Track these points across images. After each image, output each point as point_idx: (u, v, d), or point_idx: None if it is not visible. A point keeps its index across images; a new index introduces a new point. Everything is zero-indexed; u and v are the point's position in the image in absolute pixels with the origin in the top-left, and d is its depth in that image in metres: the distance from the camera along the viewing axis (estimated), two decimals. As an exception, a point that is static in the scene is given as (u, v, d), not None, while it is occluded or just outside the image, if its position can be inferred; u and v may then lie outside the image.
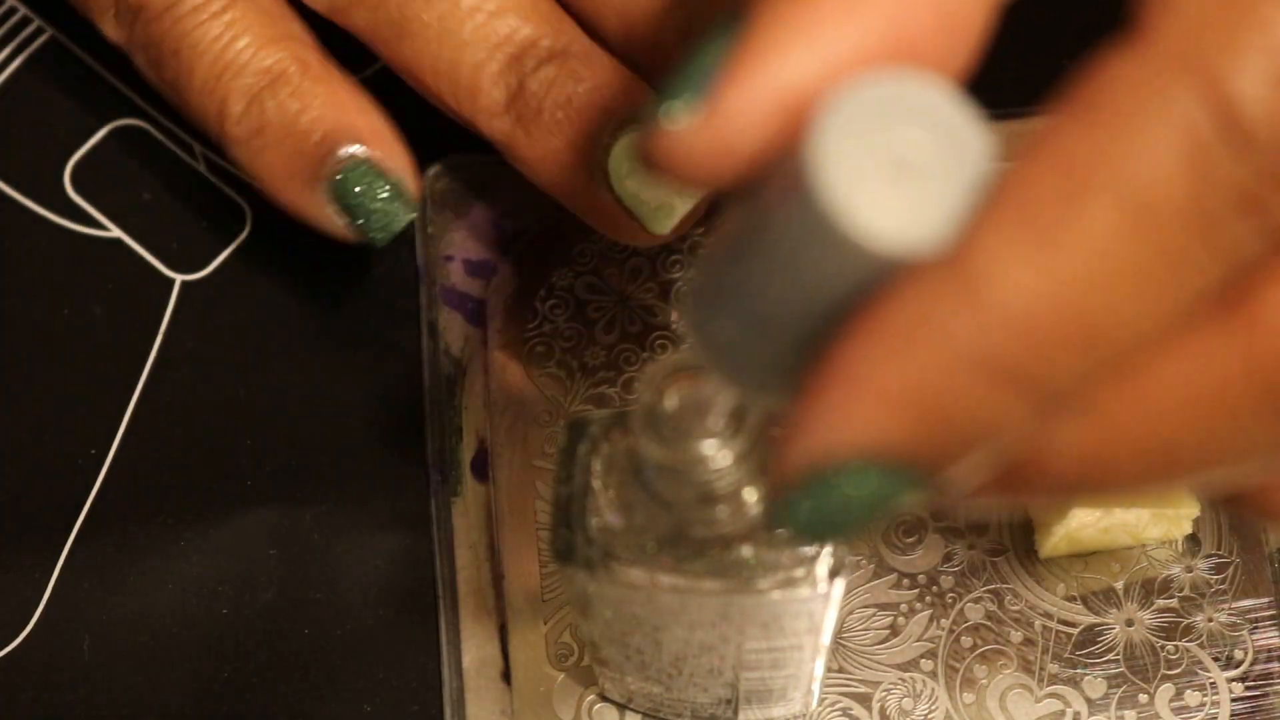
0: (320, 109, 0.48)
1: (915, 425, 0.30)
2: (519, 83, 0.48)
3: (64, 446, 0.51)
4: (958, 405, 0.30)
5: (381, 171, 0.48)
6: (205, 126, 0.49)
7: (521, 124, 0.48)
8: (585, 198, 0.48)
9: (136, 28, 0.49)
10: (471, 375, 0.51)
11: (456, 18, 0.48)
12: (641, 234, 0.48)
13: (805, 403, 0.31)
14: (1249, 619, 0.49)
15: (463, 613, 0.49)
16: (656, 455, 0.36)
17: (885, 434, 0.30)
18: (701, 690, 0.45)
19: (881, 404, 0.30)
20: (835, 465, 0.31)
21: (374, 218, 0.48)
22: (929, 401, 0.30)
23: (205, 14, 0.48)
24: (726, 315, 0.32)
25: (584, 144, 0.47)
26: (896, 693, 0.48)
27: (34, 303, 0.53)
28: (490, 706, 0.48)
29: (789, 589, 0.39)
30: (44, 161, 0.53)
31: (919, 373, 0.30)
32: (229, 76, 0.48)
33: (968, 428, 0.30)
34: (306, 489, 0.51)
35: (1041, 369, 0.30)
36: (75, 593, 0.50)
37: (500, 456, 0.51)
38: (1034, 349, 0.29)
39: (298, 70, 0.48)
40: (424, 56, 0.48)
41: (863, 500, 0.31)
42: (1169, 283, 0.29)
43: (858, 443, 0.30)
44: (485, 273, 0.52)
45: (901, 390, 0.30)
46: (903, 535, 0.50)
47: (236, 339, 0.52)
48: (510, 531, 0.50)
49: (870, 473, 0.31)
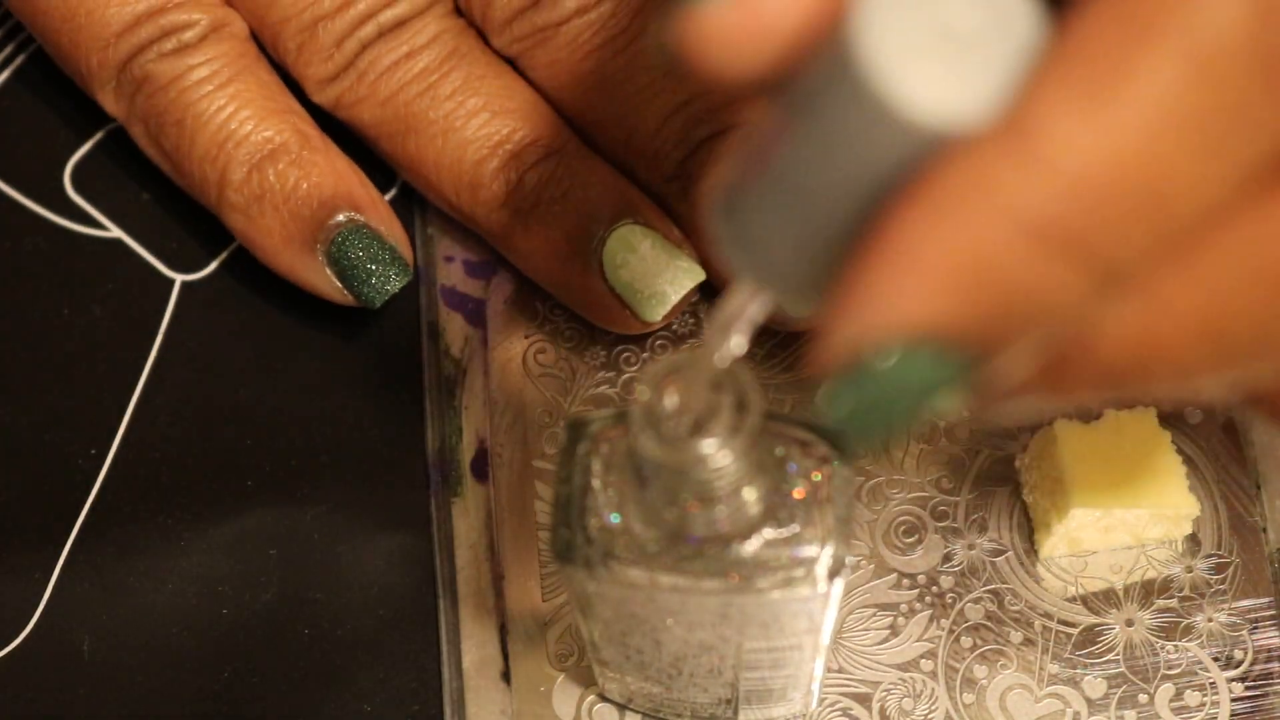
0: (319, 177, 0.50)
1: (967, 300, 0.29)
2: (518, 178, 0.50)
3: (64, 446, 0.51)
4: (1012, 278, 0.29)
5: (378, 235, 0.50)
6: (204, 193, 0.51)
7: (519, 216, 0.50)
8: (579, 287, 0.50)
9: (138, 100, 0.51)
10: (471, 375, 0.51)
11: (461, 117, 0.50)
12: (634, 322, 0.50)
13: (848, 284, 0.29)
14: (1249, 619, 0.49)
15: (463, 613, 0.49)
16: (656, 455, 0.36)
17: (935, 311, 0.29)
18: (701, 690, 0.45)
19: (932, 277, 0.29)
20: (880, 348, 0.29)
21: (371, 280, 0.50)
22: (982, 274, 0.29)
23: (211, 85, 0.50)
24: (762, 210, 0.31)
25: (579, 235, 0.50)
26: (896, 693, 0.48)
27: (34, 303, 0.53)
28: (490, 706, 0.48)
29: (789, 589, 0.39)
30: (44, 161, 0.53)
31: (973, 243, 0.29)
32: (231, 145, 0.50)
33: (1022, 304, 0.29)
34: (306, 489, 0.51)
35: (1101, 239, 0.29)
36: (75, 593, 0.50)
37: (500, 456, 0.51)
38: (1094, 215, 0.28)
39: (297, 141, 0.50)
40: (428, 151, 0.51)
41: (907, 388, 0.30)
42: (1232, 139, 0.28)
43: (905, 322, 0.29)
44: (485, 273, 0.52)
45: (953, 262, 0.29)
46: (903, 535, 0.50)
47: (236, 339, 0.52)
48: (510, 531, 0.50)
49: (917, 357, 0.29)
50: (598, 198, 0.50)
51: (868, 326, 0.29)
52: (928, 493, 0.50)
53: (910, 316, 0.29)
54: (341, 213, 0.50)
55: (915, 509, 0.50)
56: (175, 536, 0.50)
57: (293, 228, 0.50)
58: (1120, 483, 0.48)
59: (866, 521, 0.50)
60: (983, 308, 0.29)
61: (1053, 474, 0.48)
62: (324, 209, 0.50)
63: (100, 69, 0.51)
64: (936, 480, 0.50)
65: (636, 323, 0.50)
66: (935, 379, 0.30)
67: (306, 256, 0.50)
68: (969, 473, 0.50)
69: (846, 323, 0.30)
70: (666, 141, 0.50)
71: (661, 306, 0.49)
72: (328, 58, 0.51)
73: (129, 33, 0.50)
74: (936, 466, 0.50)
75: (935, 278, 0.29)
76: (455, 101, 0.50)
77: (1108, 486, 0.47)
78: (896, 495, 0.50)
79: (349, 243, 0.50)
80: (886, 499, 0.50)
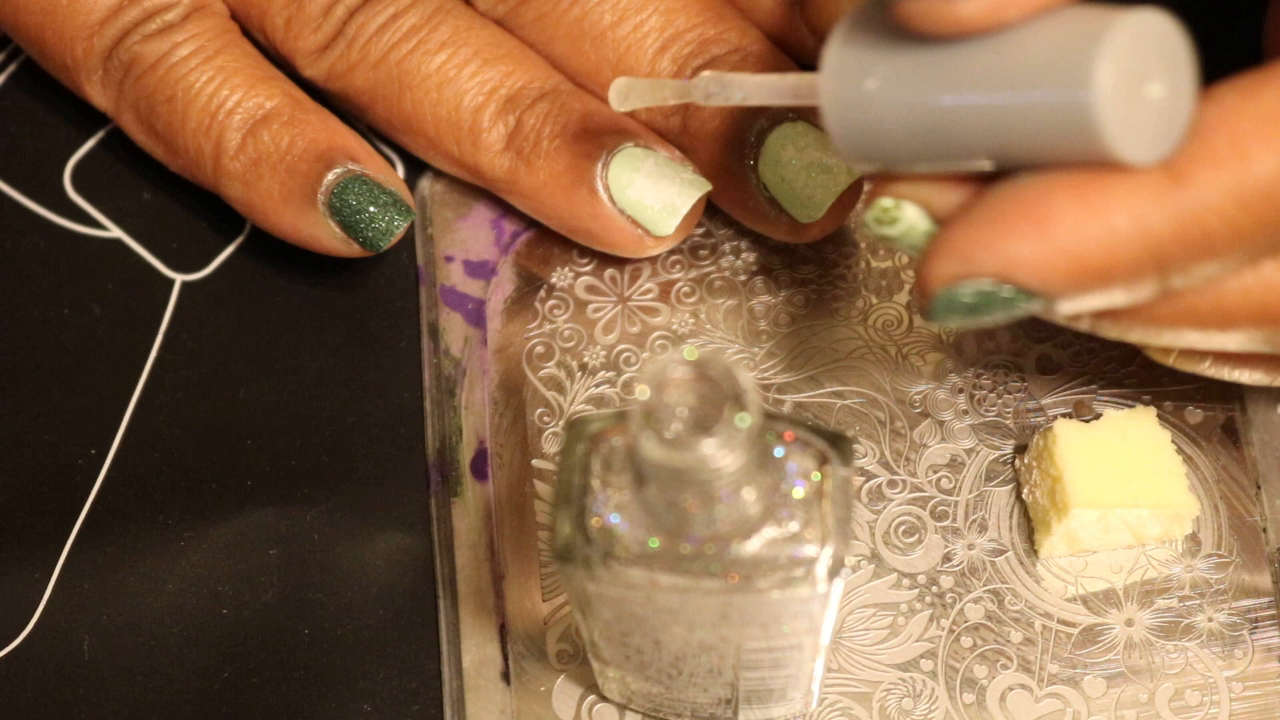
0: (314, 134, 0.51)
1: (1068, 272, 0.39)
2: (517, 120, 0.51)
3: (64, 446, 0.51)
4: (1111, 271, 0.39)
5: (377, 182, 0.50)
6: (199, 167, 0.51)
7: (522, 157, 0.51)
8: (589, 215, 0.50)
9: (126, 84, 0.51)
10: (471, 375, 0.52)
11: (454, 67, 0.51)
12: (647, 240, 0.50)
13: (978, 227, 0.39)
14: (1249, 619, 0.49)
15: (463, 613, 0.49)
16: (656, 455, 0.36)
17: (1046, 278, 0.39)
18: (701, 690, 0.45)
19: (1060, 256, 0.38)
20: (983, 280, 0.39)
21: (374, 225, 0.50)
22: (1092, 262, 0.38)
23: (198, 59, 0.51)
24: (897, 94, 0.39)
25: (583, 164, 0.50)
26: (896, 693, 0.48)
27: (34, 303, 0.53)
28: (490, 706, 0.48)
29: (788, 589, 0.39)
30: (44, 161, 0.53)
31: (1105, 244, 0.38)
32: (223, 115, 0.51)
33: (1107, 290, 0.39)
34: (306, 489, 0.51)
35: (1197, 270, 0.39)
36: (75, 593, 0.50)
37: (500, 456, 0.51)
38: (1197, 254, 0.39)
39: (289, 105, 0.51)
40: (425, 105, 0.51)
41: (991, 303, 0.39)
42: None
43: (1017, 276, 0.39)
44: (485, 273, 0.52)
45: (1082, 251, 0.38)
46: (903, 535, 0.50)
47: (236, 339, 0.52)
48: (510, 531, 0.50)
49: (1009, 291, 0.39)
50: (596, 127, 0.50)
51: (978, 264, 0.39)
52: (928, 493, 0.50)
53: (1020, 271, 0.39)
54: (339, 164, 0.50)
55: (915, 509, 0.50)
56: (175, 536, 0.50)
57: (291, 185, 0.50)
58: (1120, 483, 0.48)
59: (866, 522, 0.50)
60: (1076, 280, 0.39)
61: (1053, 474, 0.48)
62: (321, 162, 0.50)
63: (86, 58, 0.51)
64: (936, 480, 0.50)
65: (650, 240, 0.50)
66: (1016, 301, 0.39)
67: (308, 211, 0.50)
68: (969, 473, 0.50)
69: (962, 253, 0.39)
70: (662, 76, 0.50)
71: (673, 218, 0.50)
72: (317, 28, 0.51)
73: (112, 18, 0.51)
74: (936, 467, 0.50)
75: (1061, 254, 0.38)
76: (447, 53, 0.51)
77: (1108, 486, 0.47)
78: (896, 495, 0.50)
79: (349, 190, 0.50)
80: (886, 499, 0.50)
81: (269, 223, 0.51)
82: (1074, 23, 0.37)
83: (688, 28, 0.51)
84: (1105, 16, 0.37)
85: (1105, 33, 0.37)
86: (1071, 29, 0.37)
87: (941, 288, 0.40)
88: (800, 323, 0.51)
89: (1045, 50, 0.37)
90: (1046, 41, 0.37)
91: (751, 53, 0.50)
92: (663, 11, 0.51)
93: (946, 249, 0.39)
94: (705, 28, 0.51)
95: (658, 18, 0.51)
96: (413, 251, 0.53)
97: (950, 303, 0.40)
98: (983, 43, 0.38)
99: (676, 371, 0.36)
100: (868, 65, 0.39)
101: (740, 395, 0.36)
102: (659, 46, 0.51)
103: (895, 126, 0.39)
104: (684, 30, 0.51)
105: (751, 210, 0.50)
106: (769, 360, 0.51)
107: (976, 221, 0.39)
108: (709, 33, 0.51)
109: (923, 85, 0.39)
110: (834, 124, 0.40)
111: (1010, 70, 0.38)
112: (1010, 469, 0.50)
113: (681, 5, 0.51)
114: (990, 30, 0.38)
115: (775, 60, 0.51)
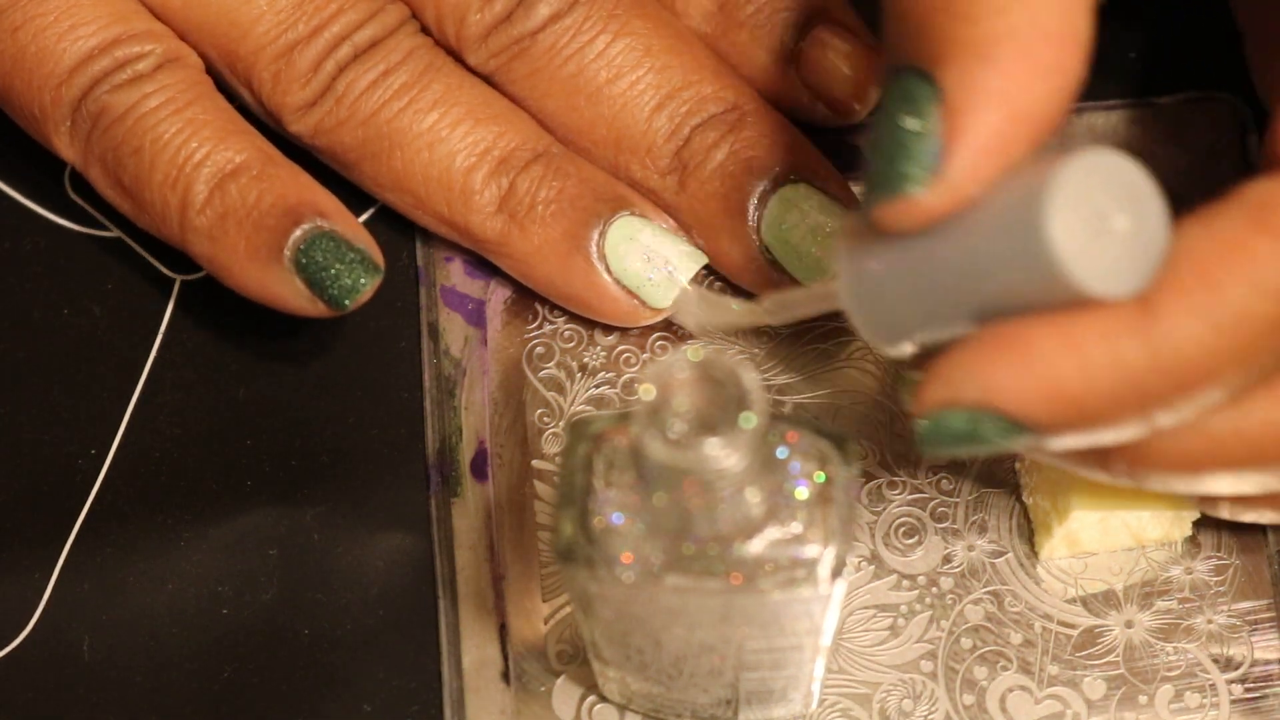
0: (282, 189, 0.49)
1: (1048, 403, 0.39)
2: (510, 182, 0.50)
3: (64, 446, 0.51)
4: (1095, 409, 0.39)
5: (345, 239, 0.49)
6: (165, 221, 0.50)
7: (515, 220, 0.50)
8: (584, 284, 0.50)
9: (94, 135, 0.50)
10: (471, 375, 0.52)
11: (445, 126, 0.50)
12: (643, 311, 0.50)
13: (963, 355, 0.39)
14: (1248, 621, 0.49)
15: (463, 613, 0.49)
16: (660, 455, 0.36)
17: (1025, 406, 0.39)
18: (702, 690, 0.46)
19: (1038, 385, 0.38)
20: (967, 411, 0.39)
21: (339, 283, 0.49)
22: (1070, 393, 0.38)
23: (168, 110, 0.50)
24: (895, 275, 0.40)
25: (578, 232, 0.50)
26: (896, 694, 0.48)
27: (34, 303, 0.53)
28: (490, 706, 0.48)
29: (789, 589, 0.39)
30: (44, 161, 0.53)
31: (1082, 375, 0.38)
32: (190, 168, 0.49)
33: (1092, 425, 0.39)
34: (306, 489, 0.51)
35: (1180, 403, 0.39)
36: (75, 593, 0.50)
37: (500, 456, 0.51)
38: (1178, 388, 0.39)
39: (259, 159, 0.50)
40: (415, 165, 0.50)
41: (976, 433, 0.39)
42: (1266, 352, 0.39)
43: (998, 403, 0.39)
44: (485, 273, 0.52)
45: (1060, 379, 0.38)
46: (903, 537, 0.50)
47: (236, 339, 0.52)
48: (510, 531, 0.50)
49: (992, 420, 0.39)
50: (591, 194, 0.50)
51: (964, 394, 0.39)
52: (928, 494, 0.50)
53: (1003, 402, 0.39)
54: (306, 220, 0.49)
55: (915, 510, 0.50)
56: (175, 536, 0.50)
57: (258, 240, 0.49)
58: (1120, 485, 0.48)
59: (867, 523, 0.50)
60: (1060, 417, 0.39)
61: (1053, 475, 0.48)
62: (289, 218, 0.49)
63: (54, 107, 0.50)
64: (936, 482, 0.50)
65: (646, 311, 0.50)
66: (997, 435, 0.39)
67: (273, 267, 0.49)
68: (969, 474, 0.50)
69: (949, 382, 0.39)
70: (658, 135, 0.50)
71: (670, 290, 0.50)
72: (305, 83, 0.50)
73: (81, 67, 0.50)
74: (936, 468, 0.50)
75: (1039, 383, 0.38)
76: (438, 112, 0.50)
77: (1108, 488, 0.47)
78: (897, 496, 0.50)
79: (315, 246, 0.48)
80: (887, 500, 0.50)
81: (234, 280, 0.50)
82: (1025, 175, 0.38)
83: (684, 85, 0.50)
84: (1051, 164, 0.37)
85: (1051, 180, 0.37)
86: (1022, 182, 0.38)
87: (929, 415, 0.40)
88: (801, 324, 0.51)
89: (1004, 209, 0.38)
90: (1005, 201, 0.38)
91: (748, 111, 0.50)
92: (658, 69, 0.50)
93: (934, 375, 0.40)
94: (701, 85, 0.50)
95: (653, 75, 0.50)
96: (413, 251, 0.53)
97: (938, 431, 0.40)
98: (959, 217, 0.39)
99: (681, 372, 0.37)
100: (875, 252, 0.40)
101: (745, 395, 0.36)
102: (655, 104, 0.50)
103: (903, 304, 0.40)
104: (680, 88, 0.50)
105: (753, 274, 0.50)
106: (770, 361, 0.51)
107: (963, 349, 0.39)
108: (705, 90, 0.50)
109: (916, 266, 0.40)
110: (855, 312, 0.41)
111: (979, 234, 0.38)
112: (1010, 471, 0.50)
113: (677, 62, 0.50)
114: (960, 208, 0.38)
115: (770, 118, 0.50)
